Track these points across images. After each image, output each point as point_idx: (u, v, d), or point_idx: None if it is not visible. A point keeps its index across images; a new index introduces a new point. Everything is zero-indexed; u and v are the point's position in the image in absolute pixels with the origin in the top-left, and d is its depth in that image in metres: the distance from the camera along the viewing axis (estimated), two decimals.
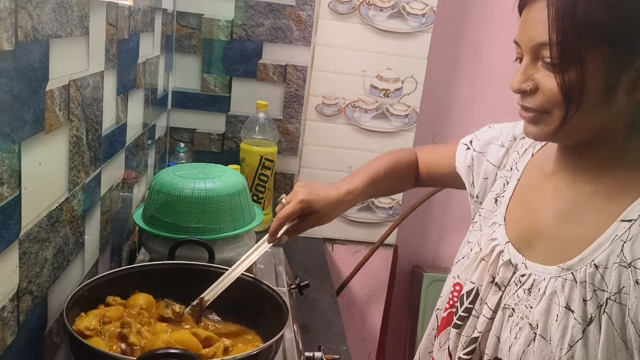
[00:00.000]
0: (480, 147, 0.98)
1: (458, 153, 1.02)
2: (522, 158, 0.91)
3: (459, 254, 0.96)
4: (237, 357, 0.73)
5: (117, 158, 1.17)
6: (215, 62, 1.81)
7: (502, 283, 0.82)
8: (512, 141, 0.94)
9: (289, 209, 0.95)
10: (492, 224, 0.89)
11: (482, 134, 1.01)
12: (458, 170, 1.01)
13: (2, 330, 0.68)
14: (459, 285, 0.89)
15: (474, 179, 0.98)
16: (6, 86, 0.63)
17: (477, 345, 0.83)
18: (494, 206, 0.92)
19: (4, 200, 0.65)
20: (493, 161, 0.95)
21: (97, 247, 1.08)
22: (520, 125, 0.95)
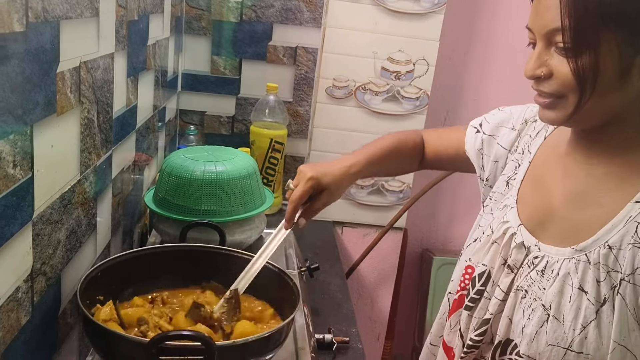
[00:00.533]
0: (491, 130, 0.98)
1: (468, 136, 1.01)
2: (535, 141, 0.91)
3: (469, 237, 0.96)
4: (249, 339, 0.73)
5: (128, 140, 1.17)
6: (225, 44, 1.80)
7: (515, 265, 0.82)
8: (523, 124, 0.94)
9: (299, 190, 0.94)
10: (504, 207, 0.88)
11: (492, 117, 1.00)
12: (468, 153, 1.00)
13: (17, 310, 0.69)
14: (471, 268, 0.89)
15: (484, 162, 0.98)
16: (17, 68, 0.63)
17: (488, 327, 0.84)
18: (506, 189, 0.91)
19: (17, 182, 0.66)
20: (504, 144, 0.95)
21: (109, 229, 1.09)
22: (532, 108, 0.95)
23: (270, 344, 0.77)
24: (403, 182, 1.83)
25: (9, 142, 0.63)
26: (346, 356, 1.14)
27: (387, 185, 1.83)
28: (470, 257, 0.90)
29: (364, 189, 1.83)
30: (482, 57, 1.96)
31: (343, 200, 1.84)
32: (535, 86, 0.76)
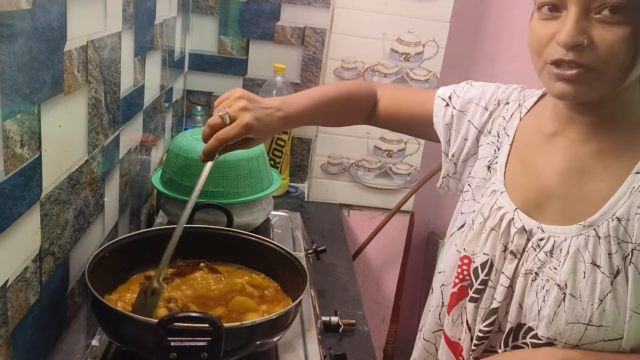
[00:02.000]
0: (461, 105, 0.94)
1: (436, 108, 0.97)
2: (510, 123, 0.89)
3: (451, 225, 0.94)
4: (256, 321, 0.73)
5: (135, 121, 1.16)
6: (232, 24, 1.78)
7: (517, 250, 0.81)
8: (495, 105, 0.92)
9: (234, 132, 0.83)
10: (492, 192, 0.87)
11: (461, 91, 0.96)
12: (435, 126, 0.97)
13: (26, 290, 0.69)
14: (467, 259, 0.87)
15: (452, 138, 0.95)
16: (24, 46, 0.62)
17: (496, 316, 0.83)
18: (488, 174, 0.89)
19: (25, 162, 0.65)
20: (475, 123, 0.93)
21: (117, 209, 1.09)
22: (503, 88, 0.93)
23: (277, 326, 0.77)
24: (411, 165, 1.82)
25: (16, 122, 0.62)
26: (352, 338, 1.14)
27: (394, 168, 1.82)
28: (464, 247, 0.88)
29: (371, 172, 1.82)
30: (494, 38, 1.93)
31: (350, 182, 1.84)
32: (569, 56, 0.71)
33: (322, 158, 1.81)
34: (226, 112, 0.83)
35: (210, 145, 0.83)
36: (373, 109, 1.03)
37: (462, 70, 1.96)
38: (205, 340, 0.67)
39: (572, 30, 0.69)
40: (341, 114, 1.03)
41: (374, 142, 1.79)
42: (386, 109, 1.02)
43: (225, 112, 0.82)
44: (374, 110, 1.03)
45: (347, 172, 1.83)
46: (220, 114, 0.83)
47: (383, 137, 1.78)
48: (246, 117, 0.83)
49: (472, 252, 0.86)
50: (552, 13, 0.73)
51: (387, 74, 1.73)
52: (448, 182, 0.99)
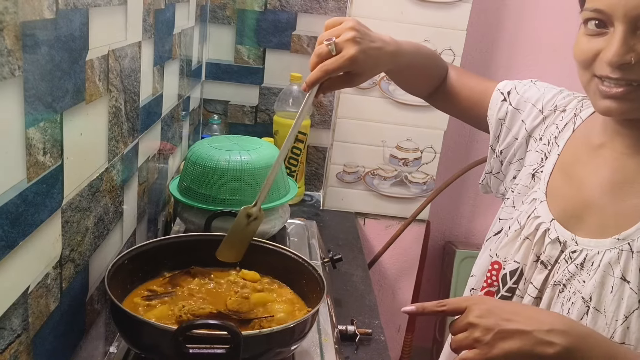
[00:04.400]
0: (517, 102, 0.93)
1: (493, 100, 0.95)
2: (563, 133, 0.88)
3: (490, 230, 0.94)
4: (275, 329, 0.73)
5: (154, 129, 1.17)
6: (249, 33, 1.79)
7: (548, 261, 0.81)
8: (551, 111, 0.90)
9: (336, 63, 0.78)
10: (532, 201, 0.86)
11: (522, 88, 0.94)
12: (489, 119, 0.96)
13: (46, 296, 0.70)
14: (498, 264, 0.87)
15: (502, 134, 0.94)
16: (47, 55, 0.63)
17: None
18: (531, 182, 0.89)
19: (47, 170, 0.66)
20: (527, 125, 0.91)
21: (135, 217, 1.09)
22: (564, 94, 0.91)
23: (295, 334, 0.77)
24: (427, 174, 1.81)
25: (39, 129, 0.63)
26: (369, 348, 1.13)
27: (410, 177, 1.82)
28: (497, 252, 0.88)
29: (387, 181, 1.82)
30: (509, 47, 1.92)
31: (365, 191, 1.83)
32: (616, 74, 0.70)
33: (338, 166, 1.81)
34: (333, 41, 0.78)
35: (313, 76, 0.80)
36: (442, 82, 1.01)
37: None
38: (224, 347, 0.67)
39: (619, 49, 0.68)
40: (426, 73, 0.99)
41: (390, 151, 1.79)
42: (451, 86, 1.00)
43: (332, 42, 0.78)
44: (442, 83, 1.01)
45: (363, 180, 1.82)
46: (327, 43, 0.78)
47: (399, 146, 1.78)
48: (353, 49, 0.78)
49: (504, 259, 0.86)
50: (598, 29, 0.72)
51: None
52: (489, 180, 0.98)
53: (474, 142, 2.02)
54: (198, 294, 0.90)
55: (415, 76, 1.00)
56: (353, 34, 0.79)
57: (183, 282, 0.93)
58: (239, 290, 0.92)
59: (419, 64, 0.96)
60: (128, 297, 0.87)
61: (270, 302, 0.90)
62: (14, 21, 0.55)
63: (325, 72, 0.79)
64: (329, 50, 0.78)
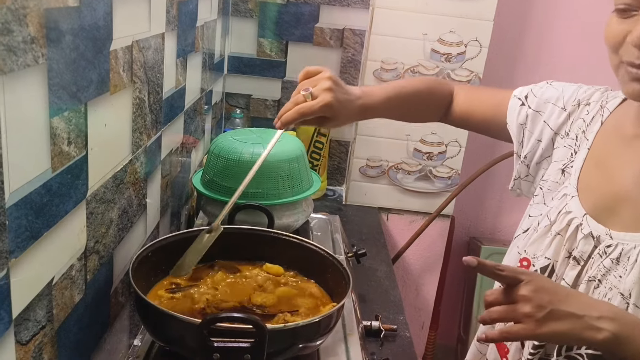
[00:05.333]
0: (537, 105, 0.91)
1: (511, 107, 0.94)
2: (591, 127, 0.85)
3: (519, 227, 0.92)
4: (300, 323, 0.72)
5: (177, 122, 1.17)
6: (271, 26, 1.78)
7: (581, 257, 0.78)
8: (575, 106, 0.88)
9: (312, 108, 0.86)
10: (563, 196, 0.84)
11: (539, 90, 0.93)
12: (509, 126, 0.94)
13: (71, 288, 0.69)
14: (527, 261, 0.85)
15: (525, 138, 0.92)
16: (72, 44, 0.63)
17: None
18: (561, 177, 0.86)
19: (72, 160, 0.66)
20: (552, 124, 0.89)
21: (158, 210, 1.09)
22: (584, 89, 0.89)
23: (320, 329, 0.75)
24: (452, 168, 1.78)
25: (63, 119, 0.62)
26: (394, 344, 1.12)
27: (435, 171, 1.79)
28: (525, 249, 0.85)
29: (411, 175, 1.79)
30: (537, 38, 1.87)
31: (389, 186, 1.81)
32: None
33: (361, 161, 1.79)
34: (310, 91, 0.86)
35: (289, 116, 0.87)
36: (448, 108, 1.02)
37: (504, 70, 1.91)
38: (249, 341, 0.66)
39: None
40: (417, 109, 1.02)
41: (414, 145, 1.76)
42: (461, 108, 1.01)
43: (309, 92, 0.86)
44: (449, 108, 1.02)
45: (386, 175, 1.80)
46: (304, 94, 0.86)
47: (423, 140, 1.75)
48: (328, 96, 0.86)
49: (533, 255, 0.84)
50: (628, 12, 0.71)
51: (428, 75, 1.69)
52: (520, 185, 0.96)
53: None
54: (221, 287, 0.90)
55: (407, 114, 1.04)
56: (329, 84, 0.86)
57: (206, 275, 0.92)
58: (262, 284, 0.91)
59: (404, 106, 0.99)
60: (152, 290, 0.87)
61: (295, 297, 0.89)
62: (38, 8, 0.54)
63: (301, 115, 0.86)
64: (305, 98, 0.86)
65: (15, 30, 0.50)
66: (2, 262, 0.52)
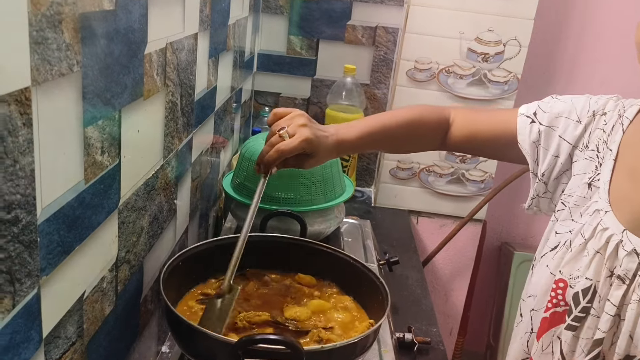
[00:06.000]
0: (548, 120, 0.86)
1: (520, 126, 0.89)
2: (612, 136, 0.81)
3: (543, 246, 0.86)
4: (337, 345, 0.68)
5: (207, 123, 1.14)
6: (302, 24, 1.74)
7: (626, 275, 0.73)
8: (590, 117, 0.83)
9: (292, 144, 0.84)
10: (595, 212, 0.78)
11: (547, 106, 0.88)
12: (521, 145, 0.89)
13: (102, 301, 0.67)
14: (563, 282, 0.79)
15: (540, 156, 0.87)
16: (107, 48, 0.60)
17: (601, 348, 0.74)
18: (588, 192, 0.81)
19: (105, 170, 0.63)
20: (568, 138, 0.84)
21: (187, 213, 1.07)
22: (595, 99, 0.85)
23: (358, 349, 0.72)
24: (485, 171, 1.72)
25: (97, 128, 0.60)
26: (427, 358, 1.08)
27: (467, 175, 1.73)
28: (560, 269, 0.80)
29: (443, 178, 1.74)
30: (577, 39, 1.80)
31: (420, 189, 1.76)
32: None
33: (391, 162, 1.74)
34: (285, 129, 0.85)
35: (269, 157, 0.84)
36: (445, 134, 0.98)
37: (543, 71, 1.84)
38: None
39: None
40: (407, 141, 0.99)
41: None
42: (462, 132, 0.97)
43: (284, 130, 0.85)
44: (446, 135, 0.98)
45: (417, 177, 1.75)
46: (280, 132, 0.85)
47: None
48: (305, 132, 0.85)
49: (569, 276, 0.79)
50: None
51: (464, 76, 1.64)
52: (538, 203, 0.91)
53: None
54: (253, 298, 0.87)
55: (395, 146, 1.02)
56: (303, 120, 0.86)
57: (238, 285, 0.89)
58: (295, 296, 0.88)
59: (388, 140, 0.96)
60: (182, 300, 0.84)
61: (329, 310, 0.85)
62: (73, 13, 0.51)
63: (281, 153, 0.84)
64: (282, 137, 0.85)
65: (50, 37, 0.47)
66: (32, 280, 0.50)
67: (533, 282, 0.86)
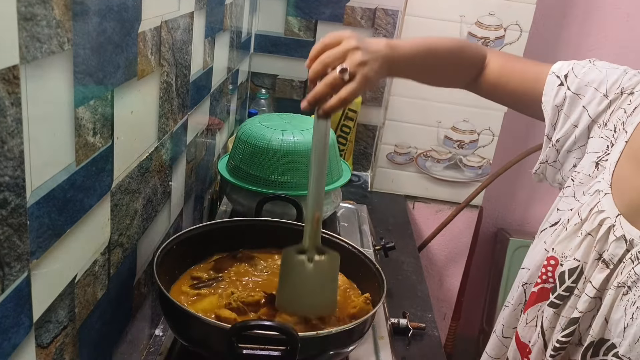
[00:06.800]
0: (577, 87, 0.83)
1: (548, 86, 0.85)
2: (632, 118, 0.78)
3: (545, 221, 0.86)
4: (332, 331, 0.68)
5: (203, 104, 1.12)
6: (301, 4, 1.71)
7: (611, 260, 0.73)
8: (618, 94, 0.80)
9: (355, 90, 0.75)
10: (595, 192, 0.77)
11: (581, 70, 0.84)
12: (544, 106, 0.86)
13: (94, 284, 0.66)
14: (554, 260, 0.79)
15: (559, 121, 0.84)
16: (99, 27, 0.58)
17: (576, 327, 0.75)
18: (594, 170, 0.79)
19: (97, 151, 0.61)
20: (590, 111, 0.81)
21: (182, 196, 1.05)
22: (630, 75, 0.80)
23: (353, 335, 0.71)
24: (483, 157, 1.71)
25: (89, 108, 0.58)
26: (422, 343, 1.08)
27: (465, 160, 1.72)
28: (553, 246, 0.80)
29: (440, 163, 1.73)
30: (581, 23, 1.77)
31: (417, 173, 1.75)
32: None
33: (389, 147, 1.73)
34: (347, 71, 0.74)
35: (331, 105, 0.75)
36: (479, 73, 0.93)
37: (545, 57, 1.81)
38: (279, 349, 0.62)
39: None
40: (446, 70, 0.93)
41: (445, 132, 1.69)
42: (493, 76, 0.92)
43: (347, 72, 0.74)
44: (480, 74, 0.93)
45: (415, 162, 1.74)
46: (341, 75, 0.74)
47: (455, 127, 1.68)
48: (367, 71, 0.75)
49: (562, 254, 0.78)
50: None
51: None
52: (545, 169, 0.89)
53: (535, 124, 1.89)
54: (245, 278, 0.86)
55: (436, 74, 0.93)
56: (361, 55, 0.75)
57: (229, 266, 0.89)
58: None
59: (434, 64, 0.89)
60: (176, 285, 0.83)
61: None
62: None
63: (345, 102, 0.75)
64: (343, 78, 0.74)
65: (39, 14, 0.46)
66: (22, 264, 0.49)
67: (529, 255, 0.86)
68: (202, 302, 0.78)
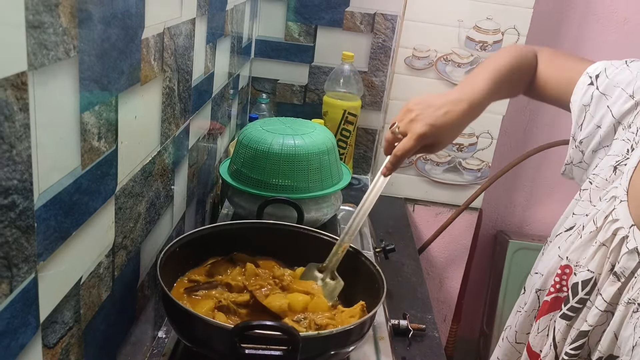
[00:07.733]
0: (605, 87, 0.81)
1: (578, 85, 0.84)
2: None
3: (560, 224, 0.84)
4: (333, 331, 0.69)
5: (204, 109, 1.14)
6: (301, 10, 1.72)
7: (622, 273, 0.70)
8: None
9: (407, 146, 0.84)
10: (612, 199, 0.75)
11: (613, 71, 0.82)
12: (571, 105, 0.85)
13: (98, 286, 0.67)
14: (569, 269, 0.77)
15: (585, 122, 0.83)
16: (104, 34, 0.59)
17: (586, 340, 0.74)
18: (612, 175, 0.77)
19: (102, 155, 0.63)
20: (615, 111, 0.79)
21: (184, 200, 1.06)
22: None
23: (354, 335, 0.72)
24: (482, 160, 1.73)
25: (94, 114, 0.59)
26: (422, 344, 1.09)
27: (464, 163, 1.73)
28: (568, 255, 0.78)
29: (440, 166, 1.74)
30: (578, 27, 1.79)
31: (416, 176, 1.76)
32: None
33: None
34: (396, 125, 0.86)
35: (390, 161, 0.87)
36: (532, 80, 0.94)
37: None
38: (281, 349, 0.63)
39: None
40: (514, 87, 0.94)
41: None
42: (538, 79, 0.93)
43: (395, 126, 0.87)
44: (532, 80, 0.94)
45: (414, 165, 1.75)
46: (392, 129, 0.87)
47: None
48: (417, 127, 0.84)
49: (576, 263, 0.77)
50: None
51: (461, 64, 1.63)
52: (572, 170, 0.88)
53: (533, 127, 1.92)
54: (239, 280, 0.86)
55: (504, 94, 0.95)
56: (411, 115, 0.85)
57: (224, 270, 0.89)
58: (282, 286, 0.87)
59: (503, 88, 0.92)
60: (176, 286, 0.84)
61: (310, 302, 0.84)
62: None
63: (399, 157, 0.86)
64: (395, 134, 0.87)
65: (46, 21, 0.47)
66: (29, 266, 0.50)
67: (543, 260, 0.85)
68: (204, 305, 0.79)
